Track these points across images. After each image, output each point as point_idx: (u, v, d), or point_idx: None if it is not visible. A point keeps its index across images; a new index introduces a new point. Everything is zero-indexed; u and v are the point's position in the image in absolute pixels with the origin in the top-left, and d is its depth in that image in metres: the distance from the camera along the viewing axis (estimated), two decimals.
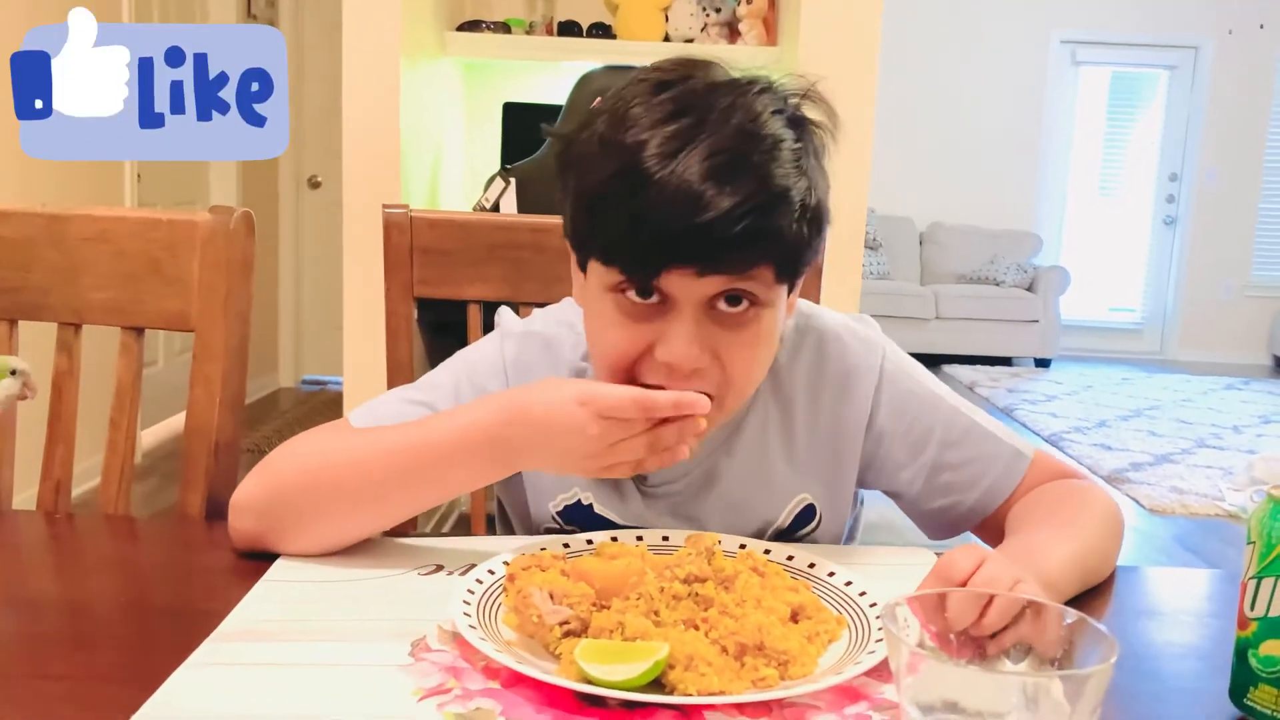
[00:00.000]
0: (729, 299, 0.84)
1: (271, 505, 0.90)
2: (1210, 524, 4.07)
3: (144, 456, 4.11)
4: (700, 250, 0.80)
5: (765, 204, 0.80)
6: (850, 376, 0.99)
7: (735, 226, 0.79)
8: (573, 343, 1.01)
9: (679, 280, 0.82)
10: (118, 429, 1.13)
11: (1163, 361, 8.13)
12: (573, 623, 0.73)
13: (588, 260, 0.88)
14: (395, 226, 1.32)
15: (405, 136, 2.57)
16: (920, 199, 7.86)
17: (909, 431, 0.99)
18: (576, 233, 0.89)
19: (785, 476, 0.99)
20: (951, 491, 1.00)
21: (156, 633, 0.80)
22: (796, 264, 0.86)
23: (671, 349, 0.83)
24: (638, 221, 0.80)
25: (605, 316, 0.87)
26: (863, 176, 2.54)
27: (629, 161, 0.81)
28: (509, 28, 3.10)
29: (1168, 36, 7.91)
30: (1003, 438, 1.00)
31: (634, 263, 0.82)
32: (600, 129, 0.85)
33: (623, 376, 0.86)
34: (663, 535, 0.92)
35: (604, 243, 0.85)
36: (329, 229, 3.61)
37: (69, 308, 1.13)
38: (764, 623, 0.72)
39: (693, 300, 0.83)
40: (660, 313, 0.84)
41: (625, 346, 0.85)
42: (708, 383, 0.85)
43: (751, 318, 0.85)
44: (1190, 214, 8.12)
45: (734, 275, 0.82)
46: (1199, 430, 5.62)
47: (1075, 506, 0.94)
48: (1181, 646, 0.87)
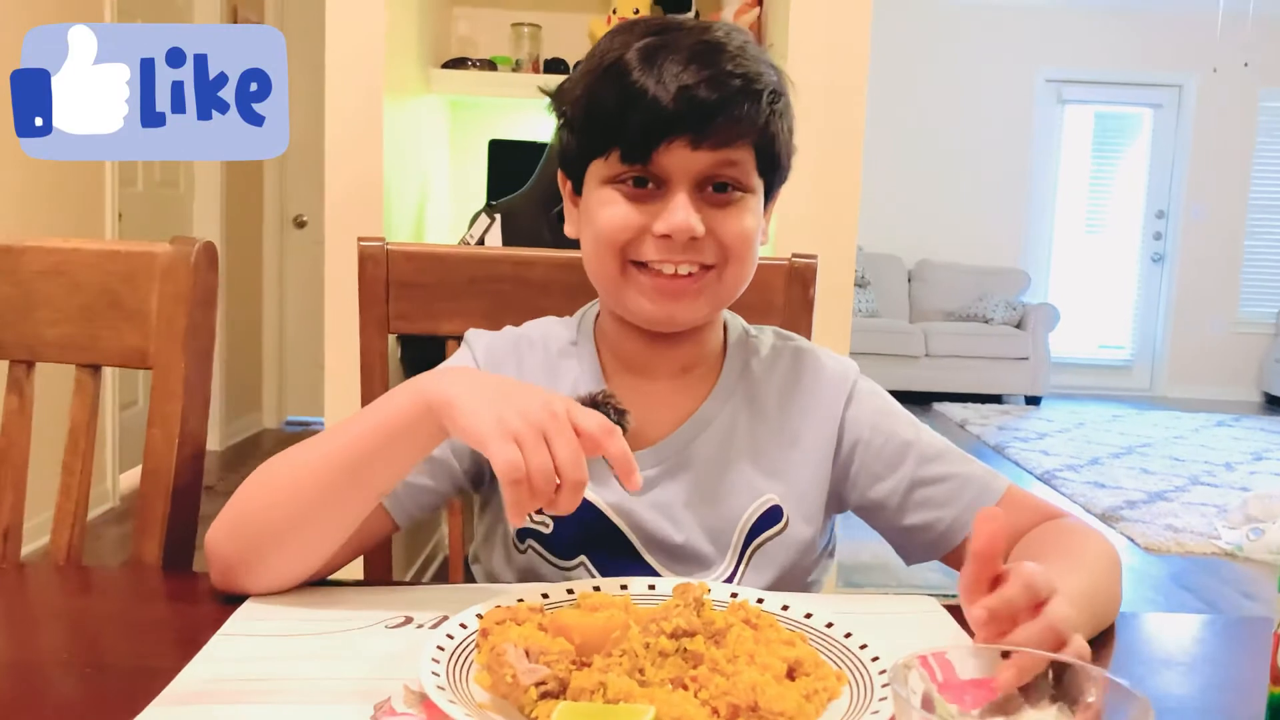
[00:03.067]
0: (716, 187, 0.93)
1: (236, 533, 0.87)
2: (1206, 562, 4.02)
3: (122, 500, 4.02)
4: (691, 120, 0.89)
5: (745, 74, 0.90)
6: (823, 389, 1.03)
7: (719, 92, 0.89)
8: (555, 335, 1.05)
9: (674, 156, 0.90)
10: (71, 474, 1.06)
11: (1153, 398, 8.12)
12: (550, 683, 0.67)
13: (585, 169, 0.96)
14: (371, 259, 1.27)
15: (389, 174, 2.53)
16: (908, 237, 7.87)
17: (885, 445, 1.01)
18: (575, 145, 0.96)
19: (751, 475, 1.00)
20: (929, 507, 0.99)
21: (104, 693, 0.73)
22: (772, 156, 0.95)
23: (670, 218, 0.91)
24: (633, 101, 0.89)
25: (604, 204, 0.94)
26: (851, 214, 2.50)
27: (615, 64, 0.91)
28: (495, 65, 3.08)
29: (1152, 75, 7.98)
30: (978, 462, 1.02)
31: (632, 140, 0.90)
32: (583, 65, 0.97)
33: (618, 254, 0.94)
34: (649, 584, 0.86)
35: (602, 132, 0.92)
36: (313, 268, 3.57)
37: (21, 344, 1.08)
38: (758, 681, 0.66)
39: (686, 179, 0.91)
40: (656, 196, 0.93)
41: (623, 220, 0.93)
42: (703, 254, 0.93)
43: (738, 200, 0.94)
44: (1178, 251, 8.15)
45: (722, 147, 0.90)
46: (1192, 468, 5.59)
47: (1079, 548, 0.90)
48: (1204, 699, 0.81)
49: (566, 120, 0.98)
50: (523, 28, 3.12)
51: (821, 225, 2.40)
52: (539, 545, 0.99)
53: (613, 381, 1.02)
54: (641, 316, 0.96)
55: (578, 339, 1.05)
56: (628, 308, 0.97)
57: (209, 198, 4.83)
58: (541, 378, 1.02)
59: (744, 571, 0.98)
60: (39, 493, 1.16)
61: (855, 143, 2.47)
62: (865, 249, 7.27)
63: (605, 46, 0.94)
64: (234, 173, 4.97)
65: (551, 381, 1.02)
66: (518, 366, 1.03)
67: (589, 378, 1.02)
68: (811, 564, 1.02)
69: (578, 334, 1.05)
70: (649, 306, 0.95)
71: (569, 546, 0.98)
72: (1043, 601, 0.67)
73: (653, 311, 0.95)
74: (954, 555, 1.00)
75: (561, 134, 0.99)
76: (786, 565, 0.99)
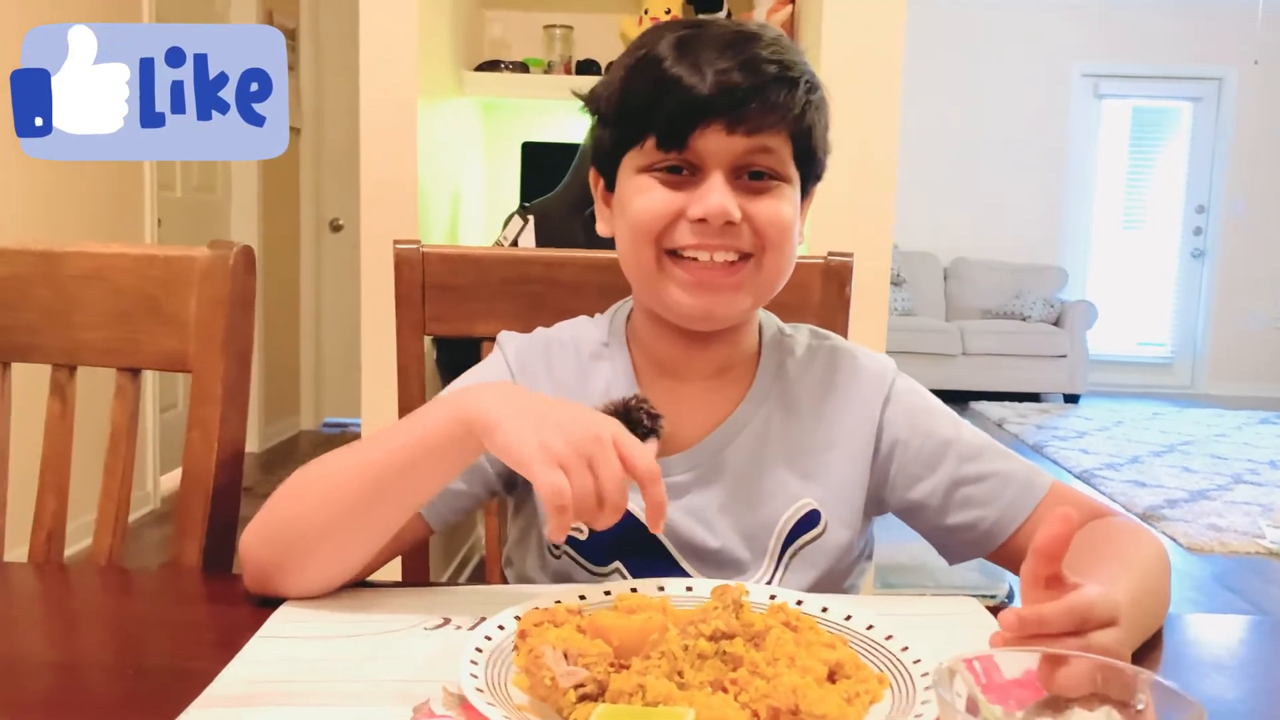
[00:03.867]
0: (752, 174, 0.92)
1: (270, 538, 0.87)
2: (1250, 562, 3.96)
3: (163, 502, 4.07)
4: (727, 104, 0.88)
5: (780, 61, 0.90)
6: (860, 389, 1.01)
7: (754, 77, 0.88)
8: (586, 336, 1.04)
9: (709, 141, 0.90)
10: (112, 476, 1.07)
11: (1193, 396, 8.01)
12: (589, 685, 0.66)
13: (619, 162, 0.95)
14: (406, 262, 1.27)
15: (423, 176, 2.54)
16: (943, 234, 7.81)
17: (924, 444, 0.99)
18: (609, 138, 0.96)
19: (788, 479, 0.99)
20: (971, 506, 0.97)
21: (145, 694, 0.74)
22: (808, 148, 0.94)
23: (706, 200, 0.90)
24: (668, 88, 0.89)
25: (639, 192, 0.93)
26: (887, 211, 2.49)
27: (650, 56, 0.91)
28: (527, 67, 3.08)
29: (1191, 68, 7.86)
30: (1020, 459, 1.00)
31: (667, 126, 0.90)
32: (617, 63, 0.97)
33: (653, 241, 0.92)
34: (686, 585, 0.86)
35: (637, 120, 0.92)
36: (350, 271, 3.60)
37: (62, 348, 1.09)
38: (799, 684, 0.65)
39: (722, 164, 0.91)
40: (691, 183, 0.92)
41: (658, 205, 0.92)
42: (741, 239, 0.92)
43: (774, 188, 0.93)
44: (1218, 246, 8.02)
45: (757, 132, 0.90)
46: (1235, 466, 5.50)
47: (1128, 549, 0.88)
48: (1255, 703, 0.79)
49: (600, 115, 0.97)
50: (555, 29, 3.12)
51: (857, 223, 2.39)
52: (574, 551, 0.98)
53: (645, 384, 1.00)
54: (679, 312, 0.94)
55: (609, 340, 1.03)
56: (664, 303, 0.95)
57: (246, 202, 4.88)
58: (573, 381, 1.01)
59: (782, 576, 0.97)
60: (80, 495, 1.17)
61: (890, 140, 2.45)
62: (900, 247, 7.22)
63: (639, 42, 0.95)
64: (270, 177, 5.02)
65: (583, 384, 1.01)
66: (548, 370, 1.02)
67: (621, 380, 1.00)
68: (849, 567, 1.01)
69: (609, 334, 1.04)
70: (687, 300, 0.93)
71: (604, 553, 0.97)
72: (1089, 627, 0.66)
73: (691, 305, 0.93)
74: (999, 553, 0.98)
75: (595, 131, 0.99)
76: (825, 569, 0.98)
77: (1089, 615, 0.66)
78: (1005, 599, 2.87)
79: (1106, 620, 0.67)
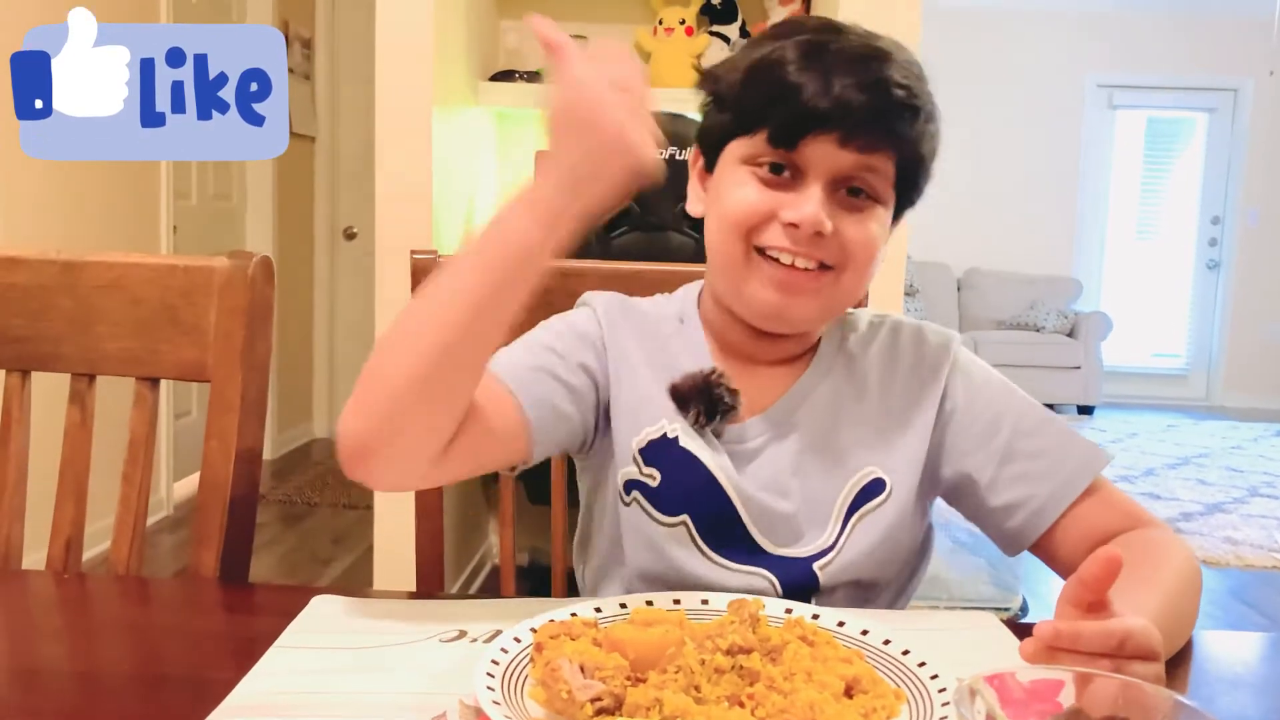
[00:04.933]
0: (851, 190, 0.92)
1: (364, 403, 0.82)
2: (1267, 576, 3.93)
3: (176, 509, 4.08)
4: (845, 116, 0.88)
5: (908, 88, 0.91)
6: (925, 359, 1.02)
7: (880, 98, 0.89)
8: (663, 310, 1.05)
9: (819, 149, 0.90)
10: (130, 484, 1.08)
11: (1209, 408, 7.96)
12: (605, 699, 0.66)
13: (723, 146, 0.95)
14: (424, 272, 1.27)
15: (438, 186, 2.55)
16: (957, 245, 7.78)
17: (981, 415, 0.99)
18: (720, 120, 0.96)
19: (853, 448, 0.99)
20: (1022, 483, 0.96)
21: (162, 704, 0.74)
22: (912, 168, 0.95)
23: (801, 209, 0.90)
24: (795, 88, 0.89)
25: (737, 183, 0.93)
26: (900, 226, 2.49)
27: (776, 57, 0.91)
28: (541, 77, 3.10)
29: (1206, 79, 7.83)
30: (1079, 435, 0.99)
31: (781, 127, 0.90)
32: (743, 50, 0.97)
33: (743, 235, 0.93)
34: (702, 599, 0.86)
35: (754, 112, 0.92)
36: (363, 280, 3.62)
37: (82, 358, 1.09)
38: (816, 699, 0.65)
39: (823, 174, 0.91)
40: (789, 185, 0.92)
41: (753, 203, 0.92)
42: (827, 252, 0.92)
43: (868, 208, 0.93)
44: (1234, 257, 7.98)
45: (868, 151, 0.90)
46: (1251, 478, 5.47)
47: (1160, 564, 0.87)
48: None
49: (717, 97, 0.97)
50: None
51: None
52: (644, 499, 0.98)
53: (716, 361, 1.02)
54: (755, 307, 0.95)
55: (684, 316, 1.05)
56: (743, 296, 0.95)
57: (261, 210, 4.90)
58: (654, 344, 1.02)
59: (846, 540, 0.97)
60: (96, 500, 1.17)
61: None
62: (913, 257, 7.20)
63: (767, 38, 0.95)
64: (285, 185, 5.04)
65: (665, 349, 1.02)
66: (636, 328, 1.03)
67: (699, 355, 1.02)
68: (911, 541, 1.01)
69: (683, 311, 1.05)
70: (766, 295, 0.93)
71: (673, 503, 0.98)
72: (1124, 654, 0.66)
73: (769, 303, 0.94)
74: (1047, 540, 0.96)
75: (706, 110, 0.99)
76: (889, 536, 0.97)
77: (1125, 642, 0.66)
78: (1019, 612, 2.86)
79: (1145, 652, 0.66)
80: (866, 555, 0.96)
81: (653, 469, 0.98)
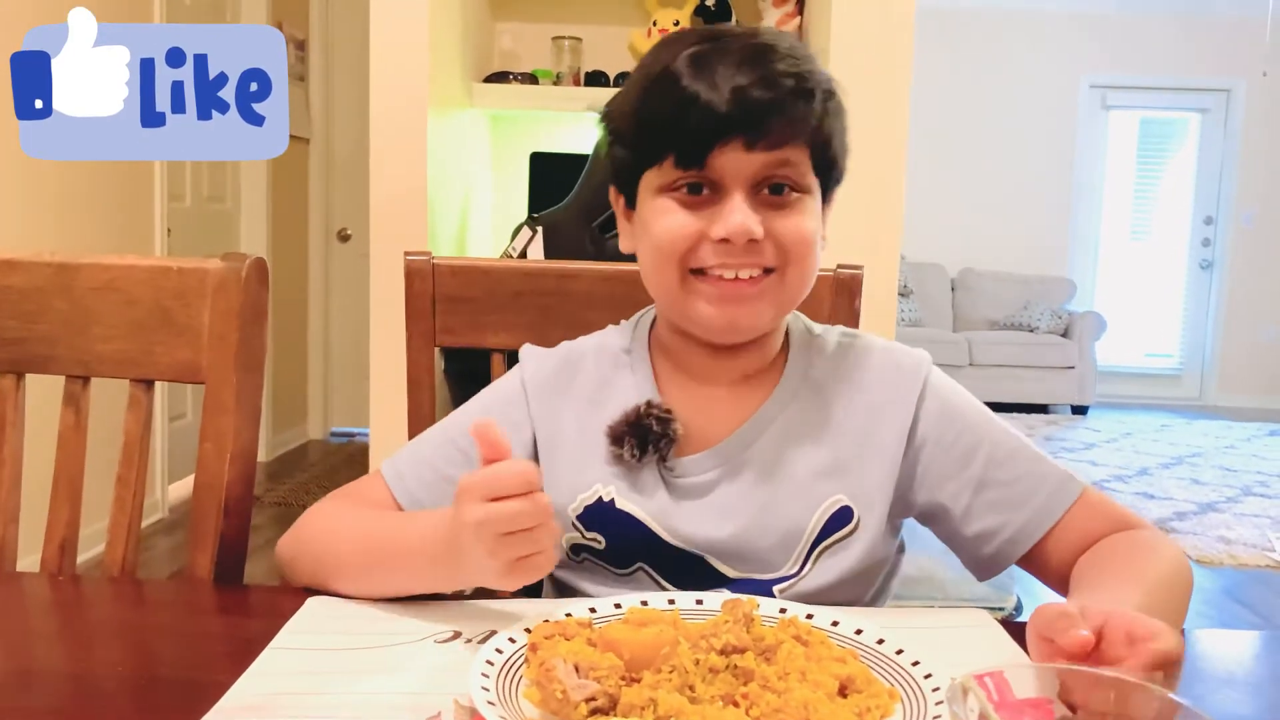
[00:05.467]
0: (772, 188, 0.91)
1: (295, 566, 0.96)
2: (1260, 575, 3.94)
3: (171, 511, 4.08)
4: (745, 121, 0.88)
5: (797, 74, 0.89)
6: (894, 384, 0.99)
7: (772, 92, 0.88)
8: (610, 346, 1.05)
9: (729, 159, 0.89)
10: (125, 486, 1.08)
11: (1202, 407, 7.98)
12: (600, 699, 0.66)
13: (638, 181, 0.95)
14: (417, 274, 1.28)
15: (432, 187, 2.55)
16: (951, 245, 7.80)
17: (955, 443, 0.98)
18: (628, 157, 0.95)
19: (816, 477, 0.97)
20: (998, 510, 0.96)
21: (158, 706, 0.74)
22: (827, 157, 0.94)
23: (728, 220, 0.89)
24: (685, 106, 0.88)
25: (659, 212, 0.93)
26: (895, 222, 2.49)
27: (665, 72, 0.90)
28: (536, 79, 3.10)
29: (1199, 80, 7.86)
30: (1052, 462, 0.98)
31: (686, 145, 0.89)
32: (633, 77, 0.96)
33: (677, 263, 0.92)
34: (696, 599, 0.86)
35: (655, 139, 0.91)
36: (358, 282, 3.62)
37: (77, 359, 1.09)
38: (810, 698, 0.65)
39: (741, 181, 0.90)
40: (711, 202, 0.91)
41: (680, 228, 0.92)
42: (764, 256, 0.91)
43: (795, 201, 0.92)
44: (1227, 257, 8.01)
45: (776, 147, 0.89)
46: (1244, 478, 5.48)
47: (1144, 562, 0.87)
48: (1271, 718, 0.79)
49: (618, 134, 0.97)
50: (564, 41, 3.13)
51: (865, 235, 2.39)
52: (594, 558, 0.99)
53: (670, 388, 1.00)
54: (705, 325, 0.94)
55: (632, 347, 1.03)
56: (690, 317, 0.95)
57: (255, 212, 4.90)
58: (594, 391, 1.02)
59: (808, 573, 0.95)
60: (91, 503, 1.17)
61: (899, 151, 2.46)
62: (908, 258, 7.21)
63: (654, 57, 0.94)
64: (280, 187, 5.04)
65: (604, 394, 1.01)
66: (569, 385, 1.02)
67: (644, 388, 1.00)
68: (880, 569, 0.99)
69: (632, 341, 1.04)
70: (711, 312, 0.93)
71: (624, 558, 0.98)
72: None
73: (715, 317, 0.93)
74: (1029, 559, 0.96)
75: (613, 149, 0.98)
76: (856, 568, 0.96)
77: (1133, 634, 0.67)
78: (1013, 611, 2.86)
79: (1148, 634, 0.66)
80: (832, 587, 0.95)
81: (595, 533, 0.98)
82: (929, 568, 2.64)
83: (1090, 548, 0.93)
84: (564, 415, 1.01)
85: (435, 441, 1.03)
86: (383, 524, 0.94)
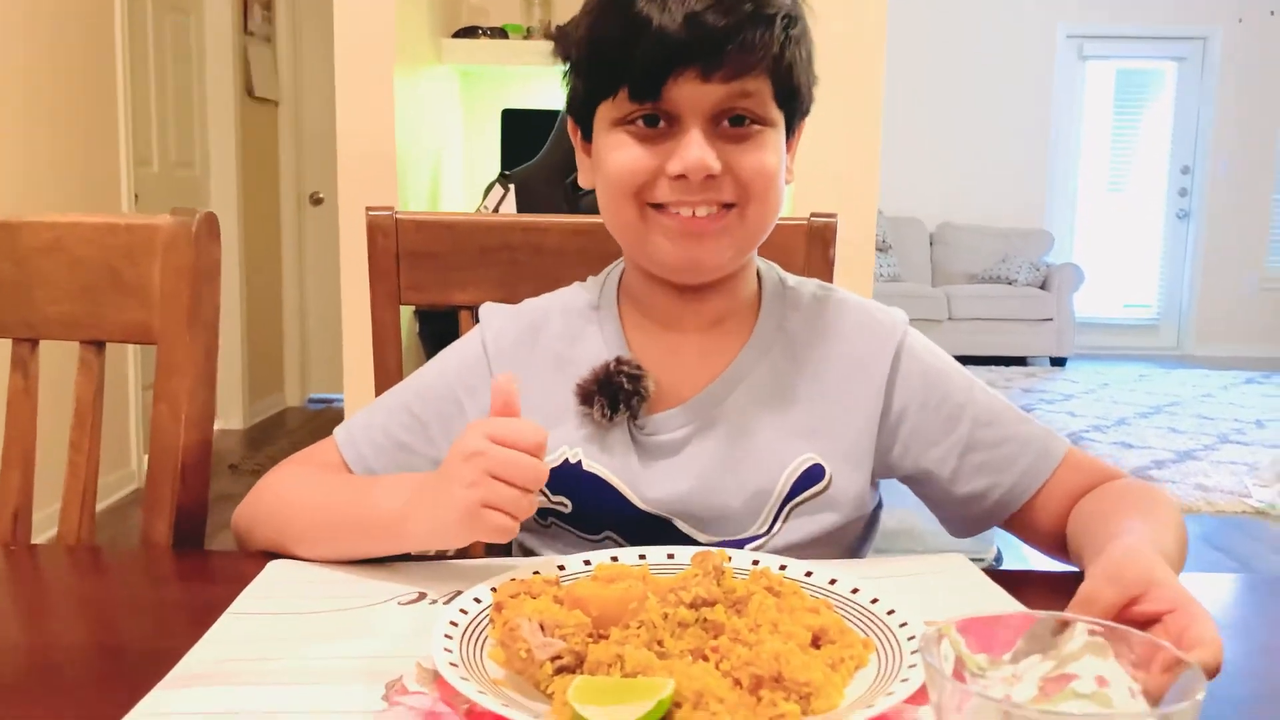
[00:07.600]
0: (732, 120, 0.87)
1: (252, 533, 0.95)
2: (1238, 521, 3.98)
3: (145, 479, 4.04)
4: (701, 49, 0.83)
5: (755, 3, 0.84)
6: (868, 342, 0.97)
7: (730, 17, 0.83)
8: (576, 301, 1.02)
9: (685, 90, 0.85)
10: (79, 451, 1.04)
11: (1180, 357, 8.02)
12: (566, 657, 0.64)
13: (594, 113, 0.91)
14: (380, 229, 1.24)
15: (402, 146, 2.50)
16: (929, 199, 7.78)
17: (939, 407, 0.96)
18: (582, 88, 0.92)
19: (790, 433, 0.94)
20: (985, 472, 0.94)
21: (115, 675, 0.72)
22: (790, 87, 0.89)
23: (684, 156, 0.86)
24: (638, 32, 0.83)
25: (614, 146, 0.89)
26: (872, 177, 2.45)
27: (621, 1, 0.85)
28: (506, 33, 3.03)
29: (1176, 28, 7.82)
30: (1035, 422, 0.97)
31: (639, 76, 0.85)
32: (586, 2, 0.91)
33: (633, 197, 0.89)
34: (668, 553, 0.84)
35: (608, 70, 0.87)
36: (331, 246, 3.57)
37: (23, 322, 1.05)
38: (782, 650, 0.63)
39: (699, 113, 0.86)
40: (668, 135, 0.87)
41: (634, 162, 0.88)
42: (723, 191, 0.88)
43: (755, 134, 0.88)
44: (1204, 207, 8.02)
45: (735, 77, 0.85)
46: (1221, 426, 5.52)
47: (1148, 507, 0.85)
48: (1246, 664, 0.78)
49: (572, 63, 0.93)
50: None
51: (841, 185, 2.36)
52: (561, 522, 0.96)
53: (640, 340, 0.97)
54: (664, 262, 0.91)
55: (599, 302, 1.00)
56: (649, 255, 0.92)
57: (225, 177, 4.82)
58: (562, 348, 0.99)
59: (779, 532, 0.93)
60: (51, 477, 1.14)
61: (875, 100, 2.42)
62: (886, 213, 7.19)
63: None
64: (249, 151, 4.96)
65: (571, 350, 0.98)
66: (533, 343, 0.99)
67: (612, 342, 0.97)
68: (854, 529, 0.97)
69: (600, 297, 1.01)
70: (671, 249, 0.89)
71: (592, 523, 0.95)
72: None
73: (675, 255, 0.90)
74: (1012, 521, 0.96)
75: (568, 78, 0.94)
76: (827, 527, 0.94)
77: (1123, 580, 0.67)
78: (993, 562, 2.87)
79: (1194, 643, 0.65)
80: (804, 545, 0.93)
81: (561, 496, 0.95)
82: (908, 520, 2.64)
83: (1078, 501, 0.92)
84: (528, 376, 0.97)
85: (389, 407, 1.00)
86: (345, 490, 0.92)
